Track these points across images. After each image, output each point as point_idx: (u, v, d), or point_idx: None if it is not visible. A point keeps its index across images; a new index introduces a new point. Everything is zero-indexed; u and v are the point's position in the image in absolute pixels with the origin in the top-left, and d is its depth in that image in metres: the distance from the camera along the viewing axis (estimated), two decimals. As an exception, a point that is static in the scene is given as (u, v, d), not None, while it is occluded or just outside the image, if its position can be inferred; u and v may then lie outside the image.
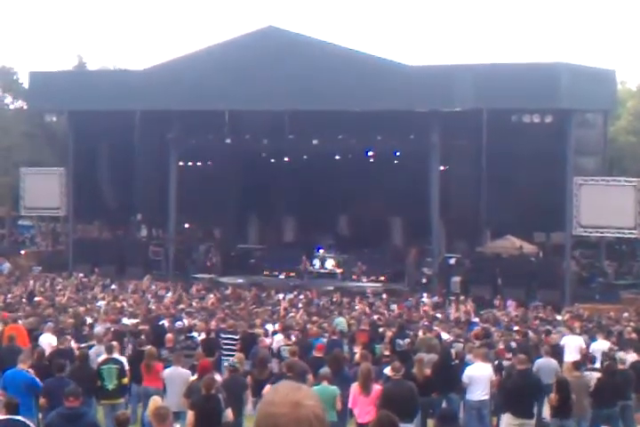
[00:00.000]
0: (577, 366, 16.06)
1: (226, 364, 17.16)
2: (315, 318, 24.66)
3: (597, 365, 18.27)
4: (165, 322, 22.21)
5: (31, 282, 35.28)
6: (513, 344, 20.15)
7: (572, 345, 19.92)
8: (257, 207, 47.00)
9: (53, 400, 12.46)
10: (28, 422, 9.96)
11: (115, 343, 16.73)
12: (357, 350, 18.55)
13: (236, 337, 19.73)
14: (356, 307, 30.03)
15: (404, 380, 13.82)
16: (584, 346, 20.32)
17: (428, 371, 15.68)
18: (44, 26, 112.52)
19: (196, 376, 14.16)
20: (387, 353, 18.40)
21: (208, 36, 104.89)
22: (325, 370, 14.24)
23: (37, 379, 13.66)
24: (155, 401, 12.45)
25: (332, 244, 43.30)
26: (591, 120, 40.14)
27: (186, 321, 22.99)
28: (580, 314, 29.86)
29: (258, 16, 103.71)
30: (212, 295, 32.51)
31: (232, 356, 17.47)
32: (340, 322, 23.73)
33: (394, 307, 30.77)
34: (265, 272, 42.38)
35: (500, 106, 34.90)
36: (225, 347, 19.47)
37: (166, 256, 41.73)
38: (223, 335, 19.96)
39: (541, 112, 34.87)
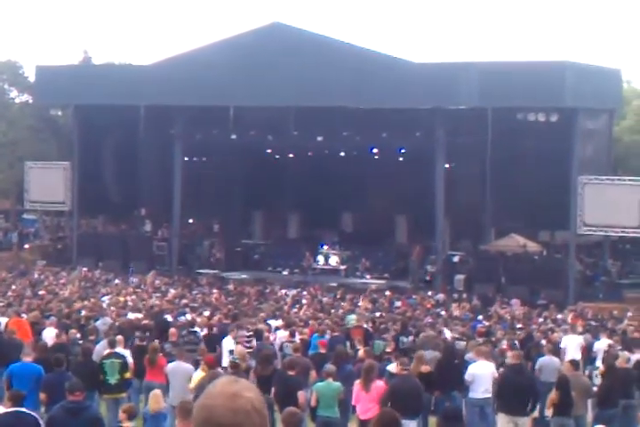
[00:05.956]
0: (575, 364, 16.03)
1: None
2: (319, 315, 24.67)
3: (598, 363, 18.27)
4: (169, 317, 22.24)
5: (35, 275, 35.29)
6: (517, 342, 20.17)
7: (572, 345, 19.91)
8: (261, 203, 46.96)
9: (53, 394, 12.41)
10: (33, 413, 9.96)
11: (119, 338, 16.73)
12: (360, 346, 18.56)
13: (248, 334, 19.57)
14: (359, 304, 30.00)
15: (410, 376, 13.84)
16: (584, 344, 20.34)
17: (426, 368, 15.67)
18: (49, 20, 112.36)
19: (200, 372, 14.16)
20: (388, 350, 18.38)
21: (213, 32, 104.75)
22: (330, 366, 14.25)
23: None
24: (155, 396, 12.47)
25: (335, 240, 43.27)
26: (596, 119, 40.02)
27: (189, 316, 23.01)
28: (584, 313, 29.86)
29: (263, 12, 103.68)
30: (215, 291, 32.56)
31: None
32: (352, 319, 23.66)
33: (398, 304, 30.76)
34: (269, 268, 42.41)
35: (505, 104, 34.83)
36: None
37: (170, 251, 41.76)
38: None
39: (547, 110, 34.79)
